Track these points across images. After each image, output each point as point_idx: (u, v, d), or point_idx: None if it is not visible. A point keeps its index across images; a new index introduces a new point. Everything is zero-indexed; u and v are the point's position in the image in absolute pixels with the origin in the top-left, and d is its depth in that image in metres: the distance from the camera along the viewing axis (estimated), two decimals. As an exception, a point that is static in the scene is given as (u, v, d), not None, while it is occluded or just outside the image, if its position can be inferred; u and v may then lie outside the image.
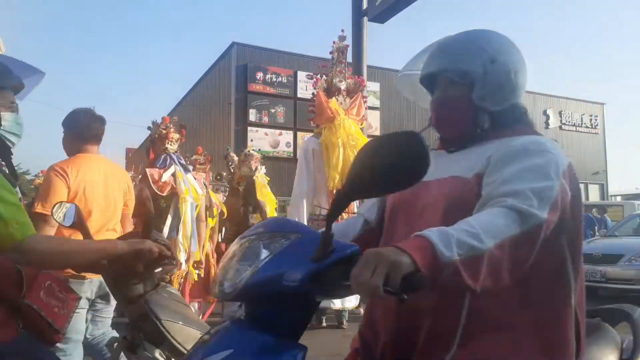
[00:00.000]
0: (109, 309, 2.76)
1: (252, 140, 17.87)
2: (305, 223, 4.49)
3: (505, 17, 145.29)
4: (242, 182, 5.64)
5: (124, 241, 1.49)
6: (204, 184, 4.47)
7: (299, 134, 17.97)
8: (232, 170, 6.98)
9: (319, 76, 5.18)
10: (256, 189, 6.85)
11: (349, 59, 10.43)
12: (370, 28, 10.40)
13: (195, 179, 3.82)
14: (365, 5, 10.10)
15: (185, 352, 1.52)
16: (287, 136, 19.04)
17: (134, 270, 1.51)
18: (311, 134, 5.46)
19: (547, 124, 25.37)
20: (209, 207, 4.38)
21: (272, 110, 18.93)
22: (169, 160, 3.63)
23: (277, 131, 18.93)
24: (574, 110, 26.51)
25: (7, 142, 1.53)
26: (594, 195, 25.18)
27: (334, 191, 4.63)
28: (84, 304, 2.46)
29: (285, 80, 19.22)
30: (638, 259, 6.65)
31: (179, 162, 3.66)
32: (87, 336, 2.70)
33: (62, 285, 1.57)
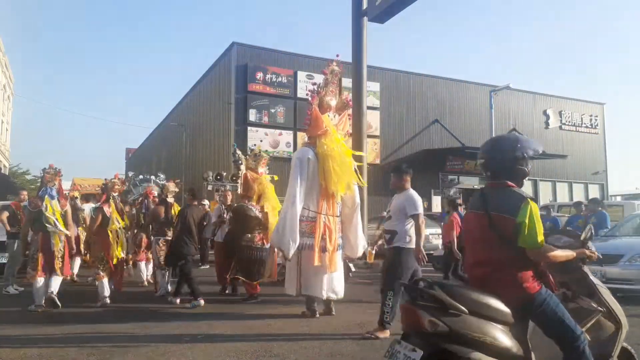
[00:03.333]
0: None
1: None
2: (297, 222, 5.29)
3: (505, 17, 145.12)
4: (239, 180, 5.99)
5: None
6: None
7: (299, 134, 17.97)
8: (240, 168, 7.39)
9: (315, 94, 5.74)
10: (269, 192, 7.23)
11: (349, 59, 10.42)
12: (370, 28, 10.39)
13: (59, 202, 6.43)
14: (365, 5, 10.10)
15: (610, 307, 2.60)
16: (287, 136, 19.06)
17: None
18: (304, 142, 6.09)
19: (547, 124, 25.37)
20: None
21: (272, 110, 18.93)
22: (42, 191, 6.34)
23: (277, 131, 18.94)
24: (574, 110, 26.50)
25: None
26: (594, 195, 25.13)
27: (336, 195, 5.47)
28: None
29: (285, 80, 19.22)
30: (638, 259, 6.63)
31: (49, 193, 6.29)
32: None
33: None
